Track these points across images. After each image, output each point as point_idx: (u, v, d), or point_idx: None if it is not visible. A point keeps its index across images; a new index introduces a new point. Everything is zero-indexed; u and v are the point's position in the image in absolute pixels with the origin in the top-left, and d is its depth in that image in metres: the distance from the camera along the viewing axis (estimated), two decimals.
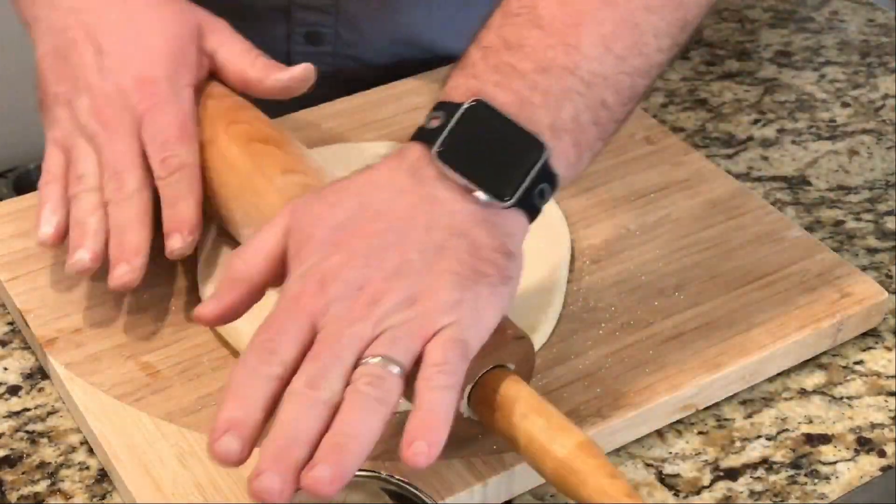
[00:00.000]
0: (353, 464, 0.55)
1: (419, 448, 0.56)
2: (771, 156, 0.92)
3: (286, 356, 0.58)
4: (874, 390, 0.74)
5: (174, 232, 0.72)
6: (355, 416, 0.56)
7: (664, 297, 0.75)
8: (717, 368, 0.71)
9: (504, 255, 0.61)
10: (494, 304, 0.61)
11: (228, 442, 0.56)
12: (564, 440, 0.59)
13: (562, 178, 0.63)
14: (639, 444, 0.70)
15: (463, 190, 0.61)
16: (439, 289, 0.59)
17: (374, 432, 0.56)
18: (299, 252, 0.61)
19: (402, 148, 0.64)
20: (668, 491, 0.68)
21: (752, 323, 0.74)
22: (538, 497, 0.67)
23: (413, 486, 0.58)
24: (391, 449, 0.65)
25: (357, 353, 0.58)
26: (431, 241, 0.60)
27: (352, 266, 0.60)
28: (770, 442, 0.70)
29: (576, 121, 0.63)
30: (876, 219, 0.86)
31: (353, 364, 0.58)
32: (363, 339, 0.58)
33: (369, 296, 0.59)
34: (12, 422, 0.70)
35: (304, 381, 0.57)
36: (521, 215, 0.63)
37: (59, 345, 0.71)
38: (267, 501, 0.54)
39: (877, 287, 0.76)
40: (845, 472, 0.69)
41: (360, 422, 0.56)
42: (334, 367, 0.57)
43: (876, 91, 0.99)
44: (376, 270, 0.59)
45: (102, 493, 0.66)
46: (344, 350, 0.58)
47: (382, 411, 0.57)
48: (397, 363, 0.57)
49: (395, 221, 0.61)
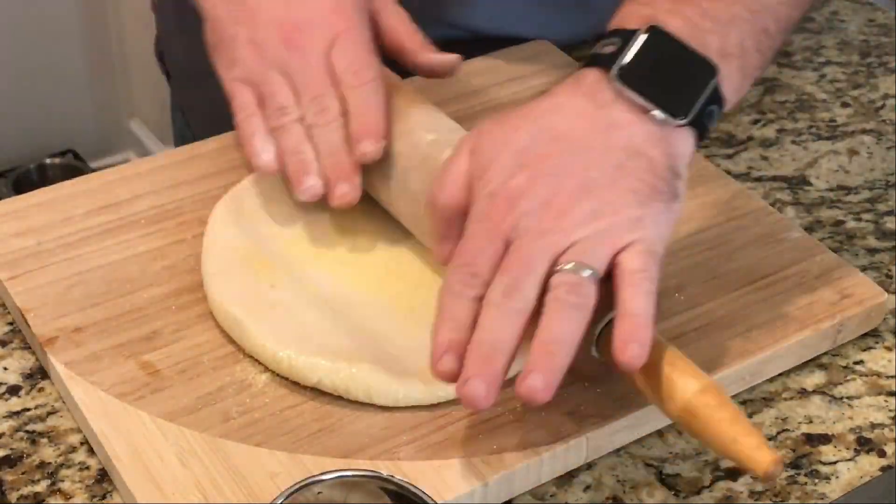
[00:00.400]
0: (561, 370, 0.60)
1: (634, 350, 0.60)
2: (771, 156, 0.92)
3: (486, 276, 0.62)
4: (874, 390, 0.74)
5: (366, 137, 0.74)
6: (558, 324, 0.60)
7: (664, 297, 0.75)
8: (717, 368, 0.71)
9: (674, 175, 0.65)
10: (668, 222, 0.65)
11: (448, 361, 0.62)
12: (689, 384, 0.61)
13: (728, 101, 0.67)
14: (639, 444, 0.70)
15: (639, 110, 0.65)
16: (622, 205, 0.63)
17: (577, 337, 0.61)
18: (484, 174, 0.65)
19: (577, 74, 0.67)
20: (669, 491, 0.68)
21: (752, 323, 0.74)
22: (538, 497, 0.67)
23: (413, 486, 0.58)
24: (391, 449, 0.66)
25: (549, 263, 0.62)
26: (611, 160, 0.64)
27: (538, 183, 0.64)
28: (770, 442, 0.70)
29: (741, 46, 0.68)
30: (876, 219, 0.86)
31: (546, 274, 0.62)
32: (554, 249, 0.62)
33: (557, 210, 0.63)
34: (12, 422, 0.70)
35: (501, 291, 0.61)
36: (691, 136, 0.66)
37: (59, 344, 0.71)
38: (474, 405, 0.60)
39: (877, 288, 0.77)
40: (845, 472, 0.69)
41: (564, 328, 0.60)
42: (528, 277, 0.61)
43: (876, 91, 0.99)
44: (561, 187, 0.63)
45: (102, 493, 0.66)
46: (536, 261, 0.62)
47: (582, 316, 0.61)
48: (591, 268, 0.62)
49: (575, 142, 0.65)
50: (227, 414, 0.67)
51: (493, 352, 0.61)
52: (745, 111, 0.97)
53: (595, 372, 0.67)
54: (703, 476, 0.69)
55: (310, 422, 0.67)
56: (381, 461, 0.65)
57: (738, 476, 0.68)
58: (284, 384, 0.69)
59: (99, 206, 0.81)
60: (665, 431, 0.71)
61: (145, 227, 0.79)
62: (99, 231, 0.79)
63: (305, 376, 0.68)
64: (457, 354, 0.62)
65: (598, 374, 0.67)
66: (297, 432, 0.67)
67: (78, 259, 0.77)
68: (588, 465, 0.68)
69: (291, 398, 0.69)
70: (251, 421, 0.67)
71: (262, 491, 0.63)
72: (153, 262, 0.77)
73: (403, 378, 0.68)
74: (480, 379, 0.60)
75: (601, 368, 0.66)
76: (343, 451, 0.66)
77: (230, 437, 0.66)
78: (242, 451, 0.65)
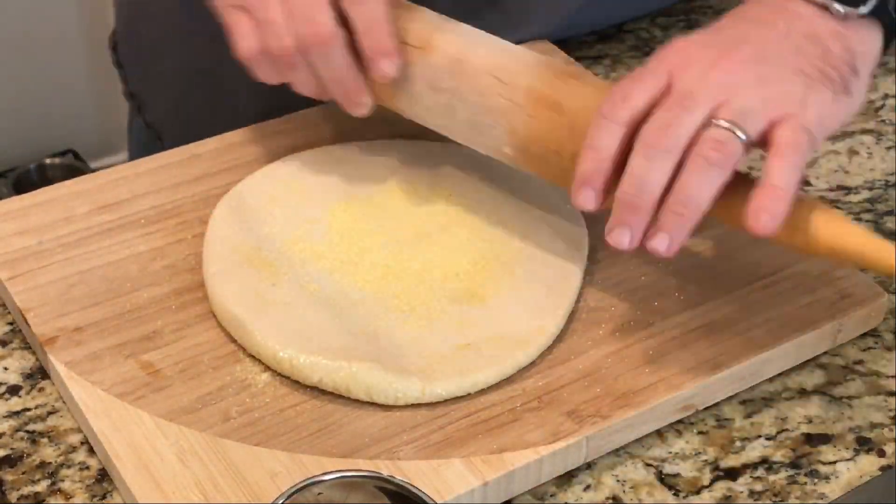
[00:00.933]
0: (689, 230, 0.64)
1: (766, 222, 0.62)
2: None
3: (638, 101, 0.64)
4: (874, 390, 0.74)
5: (382, 57, 0.73)
6: (695, 181, 0.62)
7: (664, 297, 0.76)
8: (717, 368, 0.71)
9: (851, 70, 0.67)
10: (835, 112, 0.67)
11: (586, 197, 0.65)
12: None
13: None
14: (639, 444, 0.70)
15: (821, 6, 0.68)
16: (789, 81, 0.65)
17: (711, 197, 0.63)
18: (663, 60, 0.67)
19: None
20: (668, 491, 0.68)
21: (752, 323, 0.74)
22: (538, 497, 0.67)
23: (413, 486, 0.58)
24: (391, 449, 0.66)
25: (707, 111, 0.63)
26: (790, 42, 0.67)
27: (714, 42, 0.67)
28: (770, 442, 0.70)
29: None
30: (876, 219, 0.86)
31: (701, 123, 0.63)
32: (715, 99, 0.64)
33: (724, 70, 0.65)
34: (12, 421, 0.70)
35: (656, 126, 0.63)
36: (876, 31, 0.69)
37: (60, 344, 0.71)
38: (621, 248, 0.65)
39: (876, 287, 0.77)
40: (845, 472, 0.69)
41: (699, 187, 0.62)
42: (684, 119, 0.63)
43: (876, 91, 0.99)
44: (737, 50, 0.66)
45: (102, 493, 0.66)
46: (695, 104, 0.63)
47: (720, 177, 0.63)
48: (744, 131, 0.63)
49: (761, 21, 0.69)
50: (228, 414, 0.68)
51: (641, 195, 0.63)
52: None
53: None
54: (703, 476, 0.69)
55: (310, 422, 0.67)
56: (381, 461, 0.65)
57: (737, 476, 0.68)
58: (285, 384, 0.69)
59: (99, 205, 0.81)
60: (665, 431, 0.71)
61: (145, 227, 0.79)
62: (99, 231, 0.79)
63: (307, 376, 0.68)
64: (593, 188, 0.65)
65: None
66: (298, 432, 0.67)
67: (78, 259, 0.77)
68: (588, 465, 0.69)
69: (292, 398, 0.69)
70: (251, 421, 0.67)
71: (263, 491, 0.63)
72: (153, 261, 0.77)
73: (403, 377, 0.68)
74: (626, 226, 0.64)
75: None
76: (343, 451, 0.66)
77: (230, 437, 0.66)
78: (243, 450, 0.65)
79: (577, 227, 0.79)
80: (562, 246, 0.77)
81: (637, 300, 0.75)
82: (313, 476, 0.58)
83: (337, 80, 0.74)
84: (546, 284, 0.74)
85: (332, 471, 0.58)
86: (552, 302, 0.73)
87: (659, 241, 0.64)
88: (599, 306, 0.75)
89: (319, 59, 0.73)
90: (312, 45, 0.73)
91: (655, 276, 0.77)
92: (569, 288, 0.75)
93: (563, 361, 0.71)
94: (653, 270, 0.77)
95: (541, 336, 0.71)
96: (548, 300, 0.73)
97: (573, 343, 0.72)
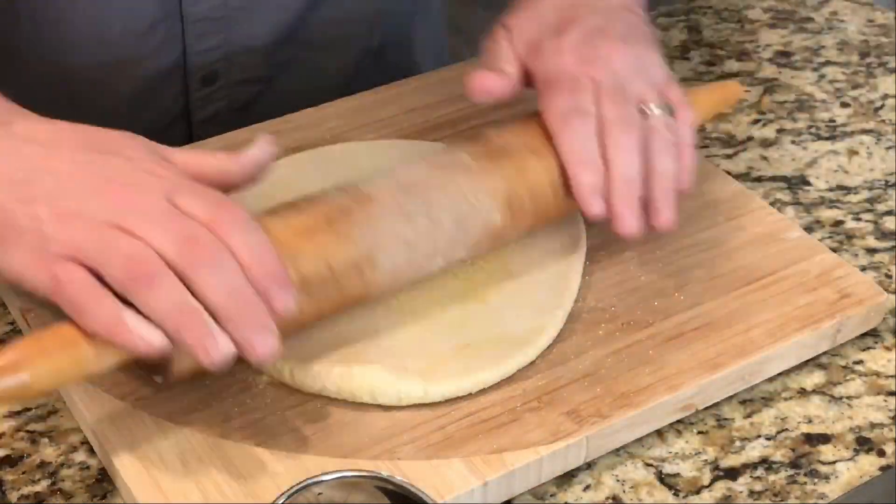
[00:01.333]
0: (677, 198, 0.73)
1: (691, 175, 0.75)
2: (771, 156, 0.92)
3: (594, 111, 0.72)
4: (874, 390, 0.74)
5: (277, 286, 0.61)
6: (665, 162, 0.72)
7: (664, 297, 0.76)
8: (717, 368, 0.71)
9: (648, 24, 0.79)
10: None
11: (598, 203, 0.71)
12: None
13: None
14: (639, 444, 0.70)
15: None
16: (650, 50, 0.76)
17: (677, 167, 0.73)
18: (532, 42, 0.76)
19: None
20: (668, 490, 0.68)
21: (752, 323, 0.74)
22: (538, 497, 0.67)
23: (413, 486, 0.58)
24: (391, 449, 0.66)
25: (635, 99, 0.73)
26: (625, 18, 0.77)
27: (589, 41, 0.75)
28: (770, 442, 0.70)
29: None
30: (875, 219, 0.86)
31: (637, 107, 0.73)
32: (633, 83, 0.73)
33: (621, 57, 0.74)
34: (13, 421, 0.70)
35: (619, 127, 0.71)
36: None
37: None
38: (630, 235, 0.72)
39: (876, 287, 0.77)
40: (845, 472, 0.69)
41: (671, 164, 0.72)
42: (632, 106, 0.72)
43: (875, 91, 0.99)
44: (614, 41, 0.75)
45: (103, 493, 0.66)
46: (630, 100, 0.72)
47: (676, 149, 0.73)
48: (670, 108, 0.74)
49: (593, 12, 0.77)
50: (228, 414, 0.68)
51: (631, 185, 0.71)
52: (745, 111, 0.97)
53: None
54: (703, 476, 0.69)
55: (310, 422, 0.67)
56: (381, 461, 0.65)
57: (737, 476, 0.69)
58: (285, 384, 0.69)
59: None
60: (665, 431, 0.71)
61: None
62: None
63: (308, 385, 0.68)
64: (601, 195, 0.71)
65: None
66: (298, 432, 0.67)
67: None
68: (588, 465, 0.69)
69: (292, 398, 0.69)
70: (252, 421, 0.67)
71: (263, 491, 0.63)
72: None
73: (405, 377, 0.68)
74: (630, 214, 0.71)
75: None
76: (343, 451, 0.66)
77: (230, 438, 0.66)
78: (243, 451, 0.65)
79: (576, 226, 0.79)
80: (560, 245, 0.77)
81: (637, 300, 0.75)
82: (313, 476, 0.58)
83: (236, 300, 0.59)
84: (545, 284, 0.74)
85: (332, 471, 0.58)
86: (552, 302, 0.73)
87: (664, 218, 0.72)
88: (599, 306, 0.75)
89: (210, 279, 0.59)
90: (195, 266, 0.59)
91: (655, 276, 0.77)
92: (568, 287, 0.75)
93: (563, 361, 0.71)
94: (653, 270, 0.77)
95: (540, 336, 0.71)
96: (547, 300, 0.74)
97: (573, 343, 0.72)
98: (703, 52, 1.04)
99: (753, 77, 1.01)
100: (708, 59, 1.03)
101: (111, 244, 0.59)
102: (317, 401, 0.68)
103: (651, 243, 0.79)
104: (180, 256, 0.59)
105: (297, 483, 0.57)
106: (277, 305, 0.60)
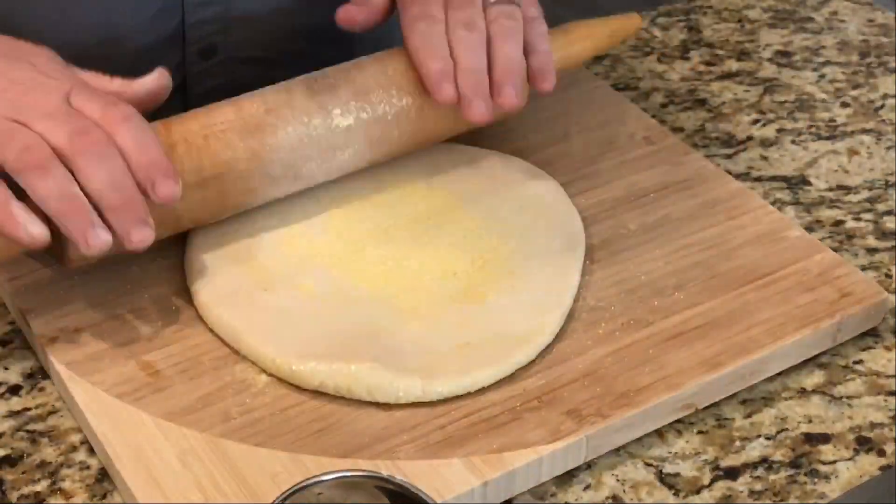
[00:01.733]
0: (522, 80, 0.77)
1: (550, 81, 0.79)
2: (771, 156, 0.92)
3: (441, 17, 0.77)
4: (874, 390, 0.74)
5: (161, 177, 0.67)
6: (508, 45, 0.77)
7: (664, 296, 0.76)
8: (717, 368, 0.71)
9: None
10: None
11: (447, 88, 0.75)
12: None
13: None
14: (639, 444, 0.70)
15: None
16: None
17: (521, 55, 0.77)
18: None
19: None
20: (668, 490, 0.68)
21: (752, 323, 0.74)
22: (538, 497, 0.67)
23: (413, 486, 0.58)
24: (391, 448, 0.66)
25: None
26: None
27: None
28: (770, 441, 0.70)
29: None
30: (875, 219, 0.86)
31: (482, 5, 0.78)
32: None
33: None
34: (13, 421, 0.70)
35: (463, 26, 0.76)
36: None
37: (60, 344, 0.71)
38: (482, 120, 0.76)
39: (876, 287, 0.77)
40: (845, 472, 0.69)
41: (513, 48, 0.77)
42: (476, 9, 0.77)
43: (875, 91, 0.99)
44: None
45: (103, 493, 0.67)
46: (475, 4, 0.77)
47: (521, 39, 0.77)
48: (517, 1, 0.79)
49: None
50: (228, 414, 0.68)
51: (479, 75, 0.75)
52: (745, 111, 0.97)
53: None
54: (703, 476, 0.69)
55: (310, 422, 0.67)
56: (381, 461, 0.65)
57: (737, 475, 0.69)
58: (285, 384, 0.69)
59: None
60: (665, 431, 0.71)
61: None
62: None
63: (307, 381, 0.68)
64: (450, 80, 0.75)
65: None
66: (298, 432, 0.67)
67: None
68: (588, 465, 0.69)
69: (292, 398, 0.69)
70: (251, 421, 0.67)
71: (263, 491, 0.63)
72: (153, 262, 0.77)
73: (404, 376, 0.68)
74: (480, 99, 0.75)
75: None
76: (343, 451, 0.66)
77: (230, 437, 0.66)
78: (243, 451, 0.66)
79: (575, 225, 0.79)
80: (559, 244, 0.77)
81: (637, 300, 0.75)
82: (313, 476, 0.58)
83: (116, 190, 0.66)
84: (545, 283, 0.74)
85: (332, 471, 0.58)
86: (551, 300, 0.73)
87: (506, 95, 0.75)
88: (599, 306, 0.75)
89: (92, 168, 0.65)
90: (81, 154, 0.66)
91: (655, 276, 0.77)
92: (567, 286, 0.75)
93: (563, 361, 0.71)
94: (652, 270, 0.77)
95: (540, 335, 0.71)
96: (547, 299, 0.74)
97: (573, 342, 0.72)
98: (703, 51, 1.04)
99: (753, 77, 1.01)
100: (708, 58, 1.03)
101: (9, 135, 0.66)
102: (317, 401, 0.68)
103: (650, 243, 0.79)
104: (69, 148, 0.65)
105: (298, 483, 0.57)
106: (161, 192, 0.67)
